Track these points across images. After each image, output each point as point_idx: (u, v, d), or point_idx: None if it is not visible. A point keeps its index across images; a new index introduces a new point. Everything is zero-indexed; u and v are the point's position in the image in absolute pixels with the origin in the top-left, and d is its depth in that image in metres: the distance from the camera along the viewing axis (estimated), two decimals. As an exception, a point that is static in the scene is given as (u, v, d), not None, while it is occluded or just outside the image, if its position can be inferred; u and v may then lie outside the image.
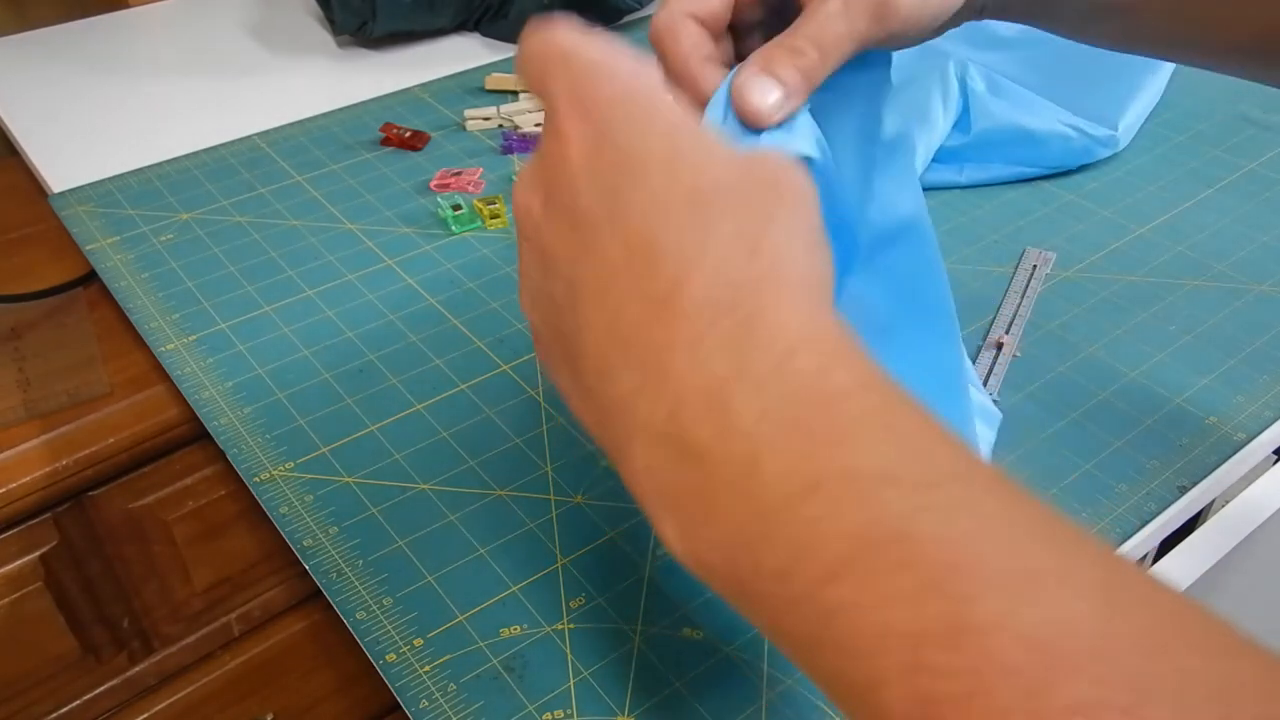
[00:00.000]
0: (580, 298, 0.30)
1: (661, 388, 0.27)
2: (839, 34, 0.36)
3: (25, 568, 0.68)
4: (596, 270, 0.29)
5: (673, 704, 0.46)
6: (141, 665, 0.76)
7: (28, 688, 0.72)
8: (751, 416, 0.25)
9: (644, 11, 1.02)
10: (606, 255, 0.29)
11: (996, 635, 0.21)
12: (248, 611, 0.79)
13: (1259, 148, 0.82)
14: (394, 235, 0.74)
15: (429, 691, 0.46)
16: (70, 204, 0.77)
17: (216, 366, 0.63)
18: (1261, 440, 0.58)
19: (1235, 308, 0.67)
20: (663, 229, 0.28)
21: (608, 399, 0.29)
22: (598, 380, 0.29)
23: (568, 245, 0.31)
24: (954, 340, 0.47)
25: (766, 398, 0.25)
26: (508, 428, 0.59)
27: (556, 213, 0.31)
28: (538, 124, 0.86)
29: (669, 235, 0.28)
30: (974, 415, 0.49)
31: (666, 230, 0.28)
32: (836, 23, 0.36)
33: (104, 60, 0.95)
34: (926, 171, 0.78)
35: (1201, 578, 0.52)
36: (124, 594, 0.73)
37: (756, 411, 0.25)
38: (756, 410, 0.25)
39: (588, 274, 0.30)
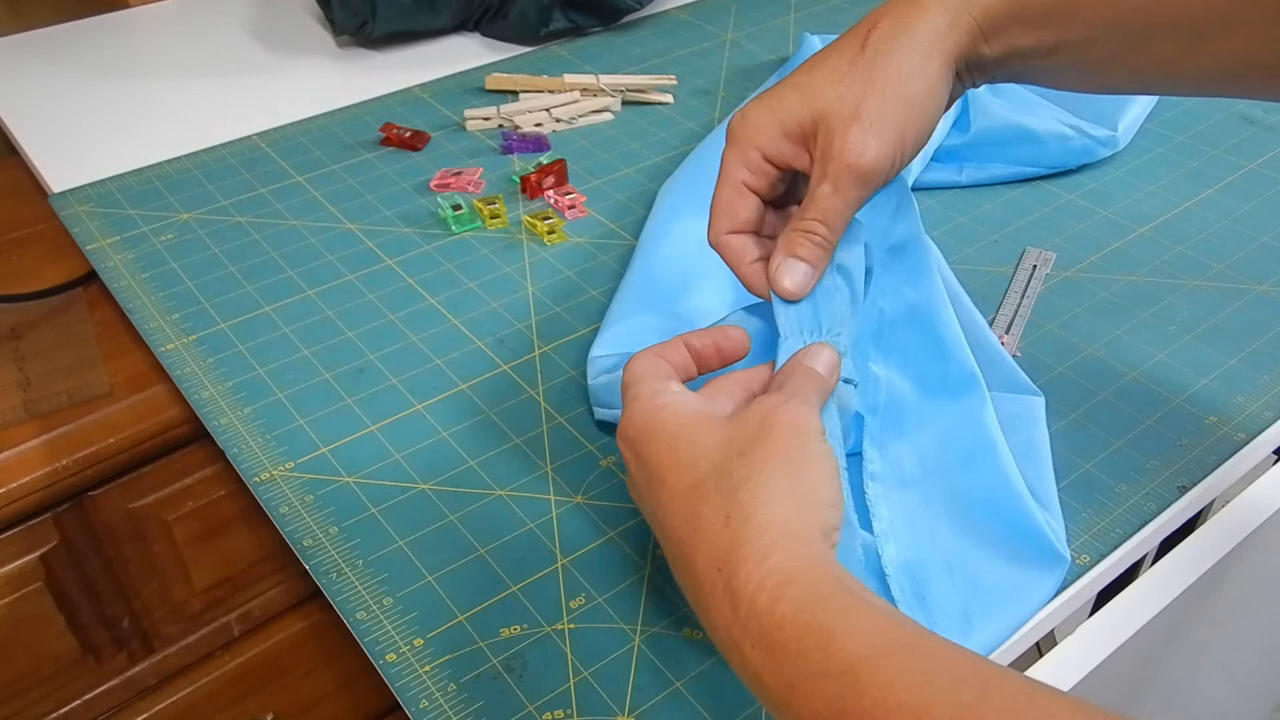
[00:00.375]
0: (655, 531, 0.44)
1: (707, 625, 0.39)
2: (837, 209, 0.45)
3: (25, 568, 0.68)
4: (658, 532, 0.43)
5: (673, 704, 0.46)
6: (141, 665, 0.76)
7: (28, 688, 0.72)
8: (748, 646, 0.36)
9: (644, 11, 1.02)
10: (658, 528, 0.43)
11: None
12: (248, 611, 0.79)
13: (1259, 148, 0.82)
14: (394, 235, 0.74)
15: (429, 691, 0.46)
16: (70, 204, 0.77)
17: (216, 366, 0.63)
18: (1261, 440, 0.58)
19: (1235, 308, 0.67)
20: (678, 518, 0.40)
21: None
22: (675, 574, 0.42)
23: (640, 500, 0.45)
24: (983, 405, 0.51)
25: (751, 633, 0.36)
26: (508, 428, 0.59)
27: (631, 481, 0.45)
28: (537, 124, 0.86)
29: (681, 523, 0.40)
30: (1011, 470, 0.50)
31: (679, 519, 0.40)
32: (832, 200, 0.45)
33: (104, 60, 0.95)
34: (926, 171, 0.78)
35: (1201, 578, 0.52)
36: (124, 594, 0.73)
37: (749, 643, 0.36)
38: (749, 642, 0.36)
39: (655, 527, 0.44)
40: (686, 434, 0.41)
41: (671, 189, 0.74)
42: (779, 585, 0.36)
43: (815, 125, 0.45)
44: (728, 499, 0.39)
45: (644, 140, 0.84)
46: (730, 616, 0.36)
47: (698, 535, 0.39)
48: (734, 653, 0.37)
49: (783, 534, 0.37)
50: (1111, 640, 0.49)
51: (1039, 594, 0.48)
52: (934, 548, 0.48)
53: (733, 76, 0.93)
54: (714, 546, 0.38)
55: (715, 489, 0.39)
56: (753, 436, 0.40)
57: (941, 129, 0.77)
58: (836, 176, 0.44)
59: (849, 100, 0.44)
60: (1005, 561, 0.48)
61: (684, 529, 0.39)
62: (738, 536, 0.37)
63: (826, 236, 0.45)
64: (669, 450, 0.41)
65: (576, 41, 0.98)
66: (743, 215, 0.48)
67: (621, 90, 0.89)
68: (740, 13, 1.04)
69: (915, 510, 0.49)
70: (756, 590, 0.36)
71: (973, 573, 0.48)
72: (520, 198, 0.77)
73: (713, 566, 0.38)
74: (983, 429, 0.50)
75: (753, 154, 0.47)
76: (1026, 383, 0.56)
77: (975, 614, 0.46)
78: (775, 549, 0.37)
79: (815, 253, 0.46)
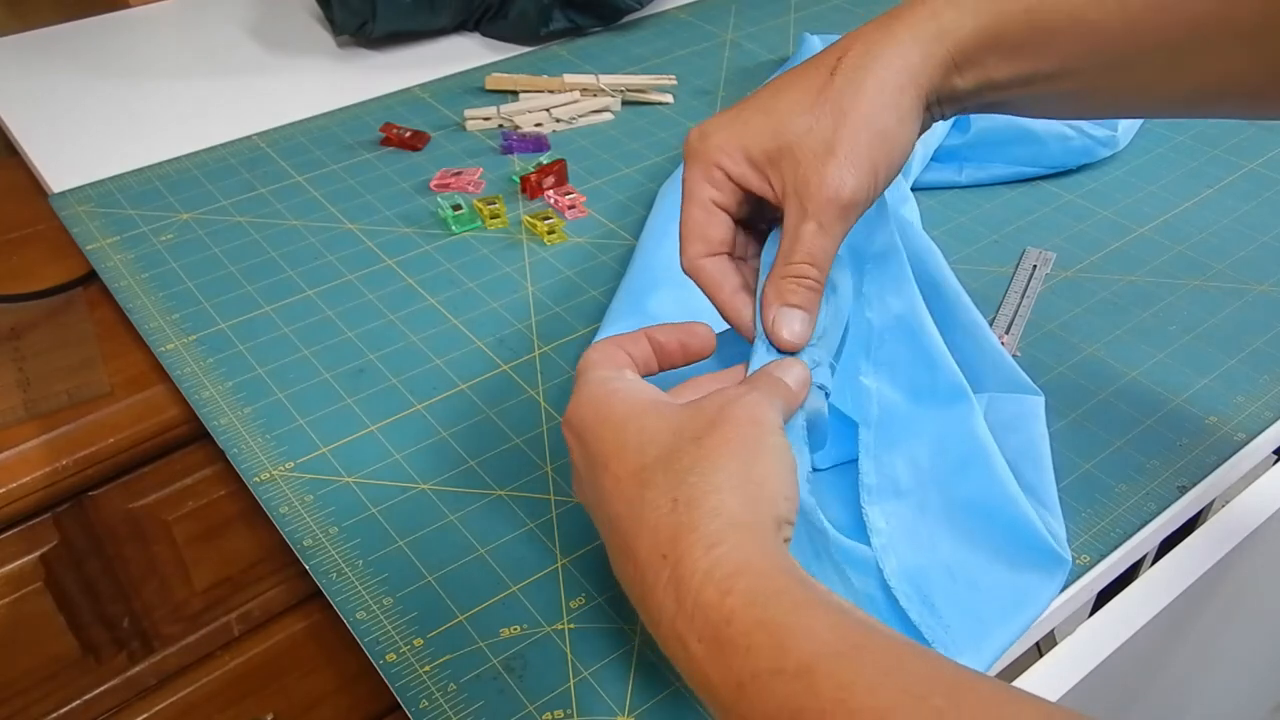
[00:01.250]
0: (597, 524, 0.42)
1: (648, 618, 0.36)
2: (825, 248, 0.44)
3: (25, 568, 0.68)
4: (599, 523, 0.41)
5: (673, 704, 0.46)
6: (141, 665, 0.76)
7: (28, 688, 0.72)
8: (694, 640, 0.34)
9: (644, 11, 1.02)
10: (600, 518, 0.41)
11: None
12: (248, 611, 0.79)
13: (1259, 148, 0.82)
14: (394, 235, 0.74)
15: (429, 691, 0.46)
16: (70, 204, 0.77)
17: (216, 366, 0.63)
18: (1261, 440, 0.58)
19: (1235, 308, 0.67)
20: (620, 504, 0.38)
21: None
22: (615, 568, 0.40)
23: (581, 493, 0.43)
24: (972, 413, 0.51)
25: (697, 626, 0.34)
26: (508, 428, 0.59)
27: (575, 473, 0.44)
28: (537, 124, 0.86)
29: (623, 509, 0.38)
30: (1006, 475, 0.50)
31: (623, 504, 0.38)
32: (819, 239, 0.43)
33: (104, 60, 0.95)
34: (926, 171, 0.78)
35: (1201, 578, 0.52)
36: (124, 594, 0.73)
37: (695, 637, 0.34)
38: (695, 636, 0.34)
39: (597, 519, 0.42)
40: (635, 420, 0.40)
41: (671, 189, 0.74)
42: (728, 576, 0.34)
43: (781, 156, 0.44)
44: (675, 483, 0.37)
45: (644, 140, 0.84)
46: (674, 609, 0.34)
47: (640, 521, 0.37)
48: (677, 647, 0.35)
49: (731, 522, 0.35)
50: (1111, 640, 0.49)
51: (1042, 597, 0.48)
52: (934, 556, 0.48)
53: (733, 76, 0.93)
54: (658, 533, 0.36)
55: (663, 473, 0.37)
56: (707, 424, 0.38)
57: (941, 130, 0.77)
58: (819, 213, 0.43)
59: (819, 133, 0.43)
60: (1006, 566, 0.48)
61: (626, 514, 0.38)
62: (684, 521, 0.36)
63: (816, 279, 0.44)
64: (615, 436, 0.39)
65: (576, 41, 0.98)
66: (716, 236, 0.46)
67: (621, 90, 0.89)
68: (740, 13, 1.04)
69: (912, 520, 0.49)
70: (704, 580, 0.34)
71: (974, 579, 0.48)
72: (520, 198, 0.77)
73: (656, 554, 0.36)
74: (974, 436, 0.50)
75: (717, 172, 0.45)
76: (1027, 382, 0.56)
77: (985, 616, 0.46)
78: (724, 538, 0.35)
79: (809, 297, 0.44)
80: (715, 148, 0.45)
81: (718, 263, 0.46)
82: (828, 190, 0.43)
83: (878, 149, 0.43)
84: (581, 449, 0.41)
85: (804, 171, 0.43)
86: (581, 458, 0.41)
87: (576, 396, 0.42)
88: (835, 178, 0.43)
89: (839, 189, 0.43)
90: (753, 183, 0.45)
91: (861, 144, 0.43)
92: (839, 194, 0.43)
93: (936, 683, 0.30)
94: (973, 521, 0.49)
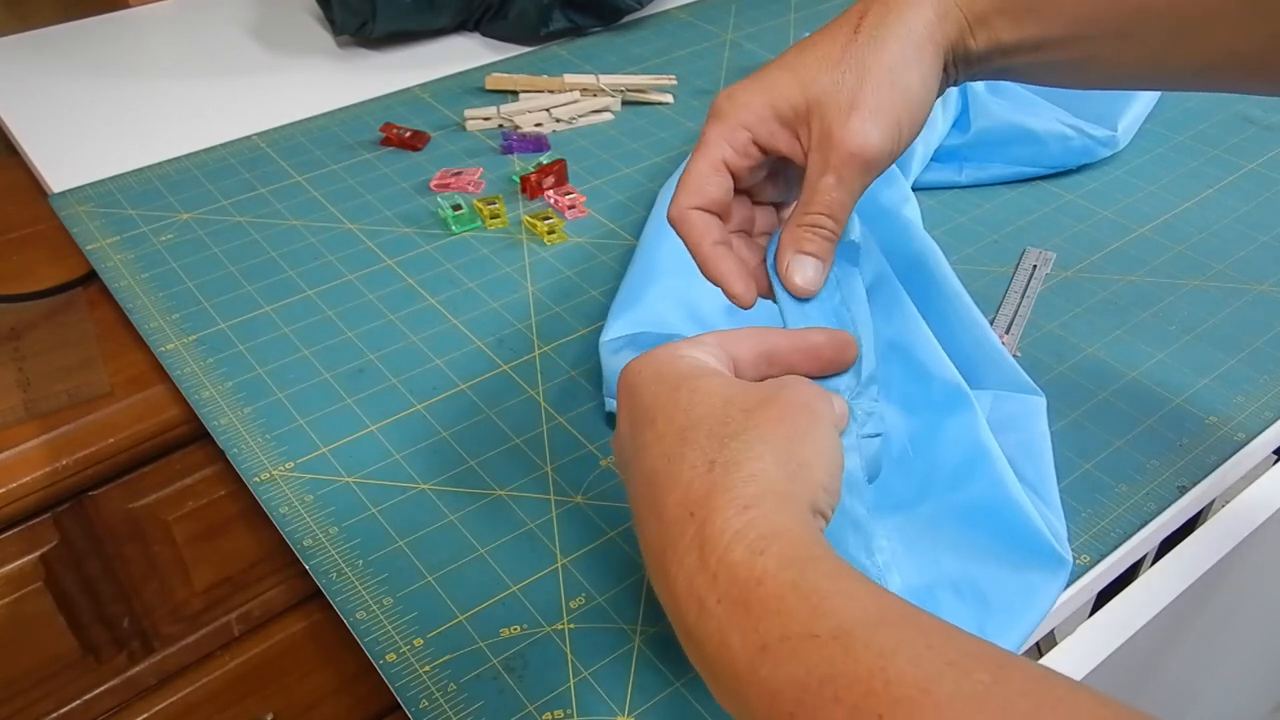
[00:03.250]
0: (626, 480, 0.41)
1: (662, 579, 0.35)
2: (843, 200, 0.44)
3: (25, 568, 0.68)
4: (631, 478, 0.39)
5: (673, 704, 0.46)
6: (141, 665, 0.76)
7: (28, 688, 0.72)
8: (714, 601, 0.32)
9: (644, 11, 1.02)
10: (633, 474, 0.39)
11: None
12: (248, 611, 0.79)
13: (1259, 148, 0.82)
14: (394, 235, 0.74)
15: (429, 691, 0.46)
16: (70, 204, 0.77)
17: (216, 366, 0.63)
18: (1261, 440, 0.58)
19: (1235, 308, 0.67)
20: (660, 459, 0.37)
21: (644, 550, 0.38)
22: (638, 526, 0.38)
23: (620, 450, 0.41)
24: (973, 415, 0.51)
25: (721, 585, 0.32)
26: (508, 428, 0.59)
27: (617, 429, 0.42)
28: (537, 124, 0.86)
29: (662, 463, 0.36)
30: (1007, 475, 0.50)
31: (661, 459, 0.37)
32: (838, 191, 0.44)
33: (104, 60, 0.95)
34: (926, 171, 0.78)
35: (1201, 578, 0.52)
36: (124, 594, 0.73)
37: (715, 597, 0.32)
38: (715, 596, 0.32)
39: (628, 475, 0.40)
40: (690, 381, 0.38)
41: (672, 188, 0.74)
42: (761, 538, 0.33)
43: (808, 111, 0.44)
44: (717, 446, 0.36)
45: (644, 140, 0.84)
46: (696, 565, 0.33)
47: (673, 476, 0.36)
48: (691, 607, 0.33)
49: (768, 489, 0.34)
50: (1111, 640, 0.49)
51: (1045, 599, 0.48)
52: (938, 570, 0.48)
53: (733, 76, 0.93)
54: (690, 489, 0.35)
55: (706, 435, 0.36)
56: (762, 399, 0.37)
57: (941, 129, 0.77)
58: (840, 167, 0.43)
59: (845, 88, 0.43)
60: (1010, 570, 0.48)
61: (662, 469, 0.36)
62: (719, 482, 0.34)
63: (833, 230, 0.44)
64: (668, 393, 0.38)
65: (576, 41, 0.98)
66: (712, 193, 0.45)
67: (621, 90, 0.89)
68: (740, 13, 1.04)
69: (913, 534, 0.49)
70: (734, 540, 0.33)
71: (979, 588, 0.48)
72: (520, 198, 0.77)
73: (684, 510, 0.34)
74: (975, 439, 0.50)
75: (740, 133, 0.45)
76: (1027, 383, 0.56)
77: (990, 629, 0.46)
78: (759, 502, 0.34)
79: (824, 247, 0.45)
80: (742, 106, 0.45)
81: (706, 216, 0.46)
82: (851, 144, 0.43)
83: (901, 105, 0.44)
84: (630, 403, 0.40)
85: (828, 125, 0.43)
86: (628, 412, 0.40)
87: (641, 355, 0.41)
88: (859, 132, 0.43)
89: (863, 143, 0.43)
90: (780, 141, 0.45)
91: (885, 100, 0.43)
92: (862, 148, 0.43)
93: (983, 659, 0.29)
94: (975, 528, 0.49)
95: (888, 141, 0.44)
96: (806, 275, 0.45)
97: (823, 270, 0.45)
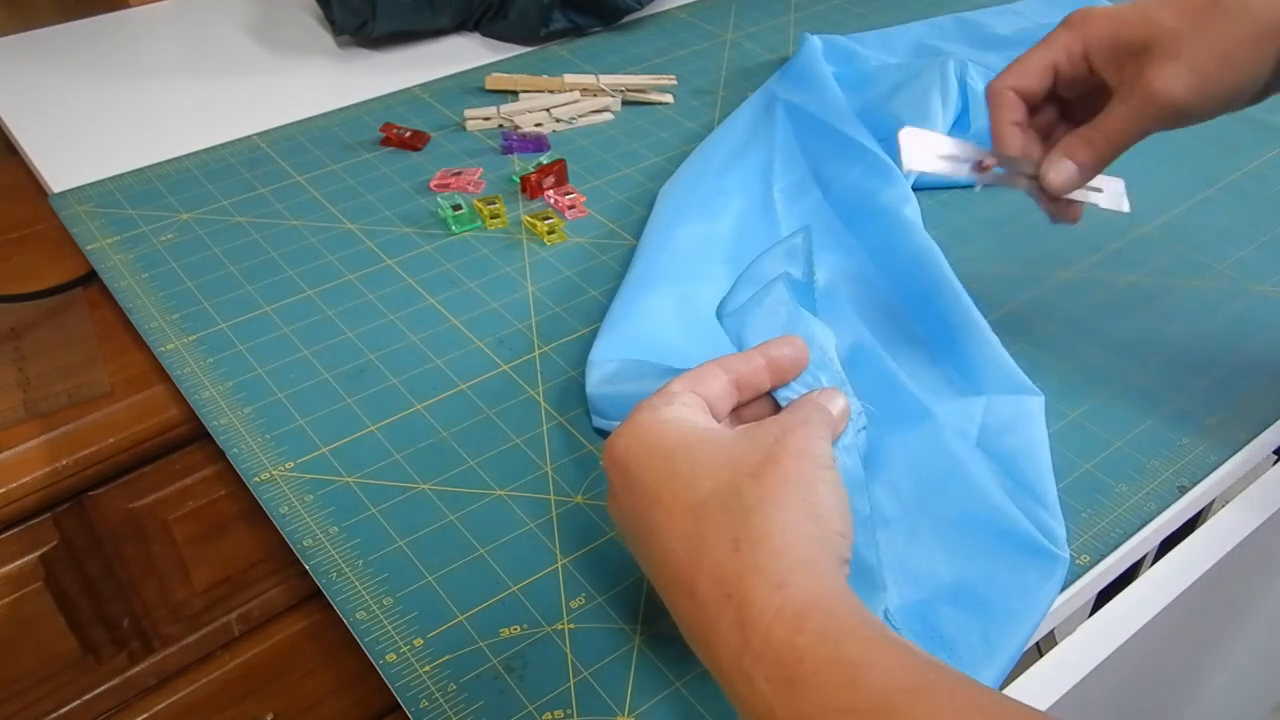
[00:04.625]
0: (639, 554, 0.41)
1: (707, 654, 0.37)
2: (1125, 130, 0.49)
3: (25, 568, 0.68)
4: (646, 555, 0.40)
5: (673, 704, 0.46)
6: (141, 665, 0.76)
7: (28, 688, 0.72)
8: (761, 678, 0.34)
9: (644, 11, 1.02)
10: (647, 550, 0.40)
11: None
12: (248, 611, 0.79)
13: (1259, 148, 0.82)
14: (394, 235, 0.74)
15: (429, 691, 0.46)
16: (70, 204, 0.77)
17: (216, 366, 0.63)
18: (1261, 440, 0.58)
19: (1235, 308, 0.67)
20: (676, 540, 0.38)
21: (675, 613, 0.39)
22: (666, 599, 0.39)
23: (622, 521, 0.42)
24: (938, 429, 0.51)
25: (766, 664, 0.34)
26: (508, 428, 0.59)
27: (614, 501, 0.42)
28: (537, 124, 0.86)
29: (680, 545, 0.37)
30: (987, 483, 0.50)
31: (677, 541, 0.38)
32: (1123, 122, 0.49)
33: (104, 60, 0.95)
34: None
35: (1201, 578, 0.52)
36: (124, 594, 0.73)
37: (762, 675, 0.34)
38: (762, 675, 0.34)
39: (641, 550, 0.41)
40: (685, 450, 0.39)
41: (672, 190, 0.74)
42: (798, 615, 0.34)
43: (1141, 49, 0.48)
44: (737, 523, 0.37)
45: (644, 140, 0.84)
46: (740, 646, 0.34)
47: (700, 559, 0.37)
48: (743, 684, 0.35)
49: (797, 562, 0.35)
50: (1111, 640, 0.49)
51: (1043, 600, 0.48)
52: (934, 582, 0.48)
53: (733, 76, 0.93)
54: (721, 572, 0.36)
55: (721, 510, 0.37)
56: (764, 458, 0.38)
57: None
58: (1138, 102, 0.47)
59: (1181, 39, 0.47)
60: (1006, 575, 0.48)
61: (684, 552, 0.37)
62: (748, 562, 0.35)
63: (1104, 150, 0.49)
64: (665, 466, 0.39)
65: (576, 41, 0.98)
66: (1032, 83, 0.51)
67: (621, 90, 0.89)
68: (740, 13, 1.04)
69: (904, 548, 0.49)
70: (774, 619, 0.34)
71: (977, 595, 0.48)
72: (520, 198, 0.77)
73: (719, 593, 0.36)
74: (946, 451, 0.50)
75: (1079, 45, 0.50)
76: (1026, 383, 0.56)
77: (994, 635, 0.46)
78: (791, 577, 0.35)
79: (1090, 160, 0.50)
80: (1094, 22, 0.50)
81: (1016, 99, 0.52)
82: (1157, 84, 0.47)
83: (1221, 75, 0.47)
84: (626, 479, 0.40)
85: (1146, 65, 0.47)
86: (625, 487, 0.40)
87: (622, 426, 0.41)
88: (1170, 78, 0.47)
89: (1168, 89, 0.47)
90: (1105, 64, 0.50)
91: (1210, 64, 0.47)
92: (1165, 93, 0.47)
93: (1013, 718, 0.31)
94: (965, 537, 0.49)
95: (1192, 99, 0.47)
96: (1062, 176, 0.50)
97: (1078, 181, 0.51)
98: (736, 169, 0.74)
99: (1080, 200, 0.54)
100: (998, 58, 0.89)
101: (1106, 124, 0.49)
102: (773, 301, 0.46)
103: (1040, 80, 0.51)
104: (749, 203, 0.72)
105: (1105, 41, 0.49)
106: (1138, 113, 0.48)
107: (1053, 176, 0.50)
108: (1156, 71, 0.47)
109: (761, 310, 0.46)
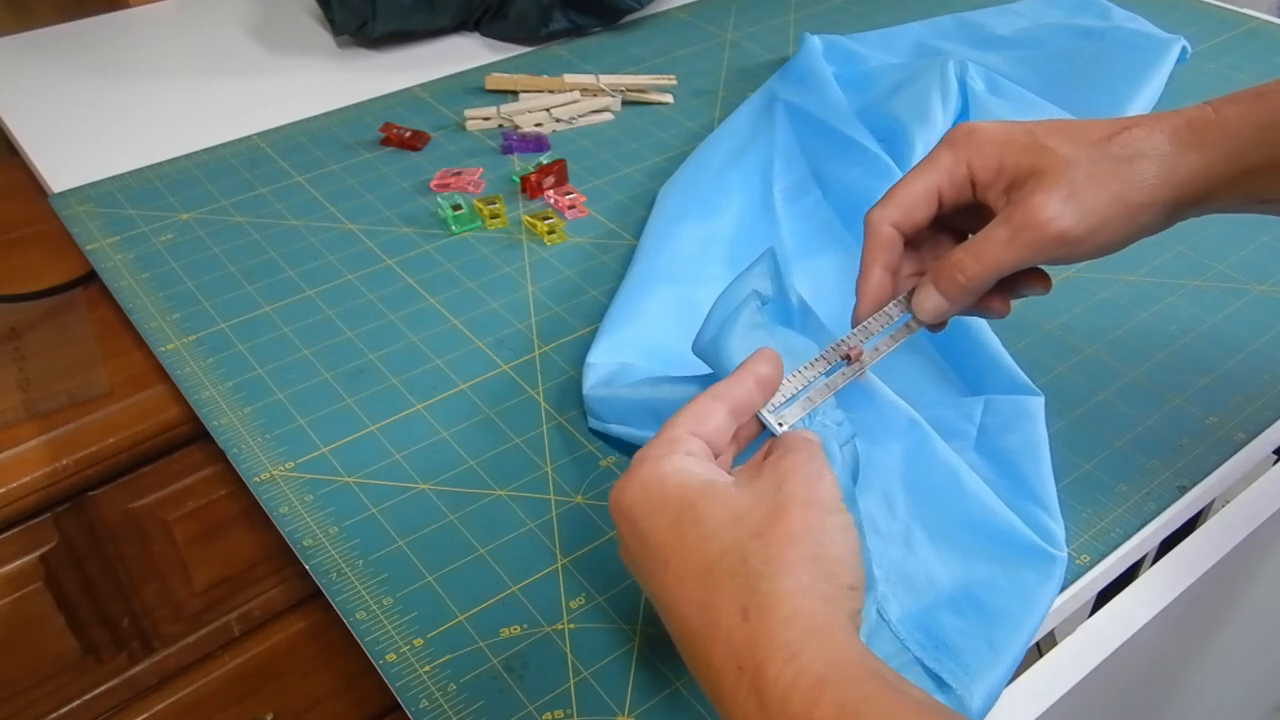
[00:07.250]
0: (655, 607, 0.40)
1: (725, 716, 0.36)
2: (1000, 259, 0.44)
3: (25, 568, 0.68)
4: (661, 613, 0.39)
5: (673, 704, 0.46)
6: (141, 665, 0.76)
7: (28, 688, 0.72)
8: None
9: (644, 11, 1.02)
10: (661, 609, 0.39)
11: None
12: (248, 611, 0.79)
13: (1259, 148, 0.82)
14: (394, 235, 0.74)
15: (429, 691, 0.46)
16: (70, 204, 0.77)
17: (216, 366, 0.63)
18: (1261, 440, 0.58)
19: (1235, 308, 0.67)
20: (688, 607, 0.37)
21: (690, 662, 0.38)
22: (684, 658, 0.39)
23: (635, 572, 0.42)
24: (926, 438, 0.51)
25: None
26: (508, 428, 0.59)
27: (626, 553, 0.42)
28: (537, 124, 0.86)
29: (692, 613, 0.37)
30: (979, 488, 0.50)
31: (689, 608, 0.37)
32: (1001, 250, 0.44)
33: (104, 60, 0.95)
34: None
35: (1201, 578, 0.52)
36: (124, 594, 0.73)
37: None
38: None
39: (656, 606, 0.40)
40: (690, 508, 0.38)
41: (672, 191, 0.74)
42: (813, 687, 0.33)
43: (1029, 175, 0.44)
44: (745, 590, 0.36)
45: (644, 140, 0.85)
46: (758, 714, 0.34)
47: (713, 627, 0.36)
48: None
49: (809, 629, 0.35)
50: (1111, 640, 0.49)
51: (1042, 601, 0.48)
52: (934, 590, 0.48)
53: (733, 76, 0.93)
54: (733, 641, 0.35)
55: (729, 576, 0.36)
56: (769, 513, 0.38)
57: (942, 128, 0.77)
58: (1018, 228, 0.44)
59: (1075, 170, 0.44)
60: (1005, 576, 0.48)
61: (696, 620, 0.37)
62: (759, 633, 0.35)
63: (977, 281, 0.45)
64: (673, 529, 0.38)
65: (576, 41, 0.98)
66: (916, 217, 0.47)
67: (621, 90, 0.89)
68: (740, 13, 1.04)
69: (902, 559, 0.49)
70: (789, 691, 0.34)
71: (977, 599, 0.47)
72: (520, 198, 0.77)
73: (732, 664, 0.35)
74: (936, 459, 0.50)
75: (963, 169, 0.46)
76: (1026, 383, 0.56)
77: (998, 640, 0.46)
78: (804, 646, 0.34)
79: (959, 293, 0.45)
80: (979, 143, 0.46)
81: (895, 237, 0.47)
82: (1042, 214, 0.43)
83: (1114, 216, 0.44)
84: (635, 534, 0.40)
85: (1033, 191, 0.44)
86: (636, 543, 0.40)
87: (627, 478, 0.40)
88: (1057, 208, 0.43)
89: (1052, 219, 0.43)
90: (989, 188, 0.46)
91: (1102, 201, 0.43)
92: (1049, 224, 0.43)
93: None
94: (962, 543, 0.49)
95: (1080, 231, 0.43)
96: (930, 305, 0.46)
97: (948, 312, 0.46)
98: (736, 169, 0.74)
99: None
100: (998, 58, 0.89)
101: (983, 249, 0.44)
102: (746, 324, 0.46)
103: (924, 211, 0.47)
104: (749, 202, 0.72)
105: (991, 164, 0.45)
106: (1019, 239, 0.44)
107: (928, 306, 0.46)
108: (1044, 198, 0.43)
109: (736, 333, 0.46)
